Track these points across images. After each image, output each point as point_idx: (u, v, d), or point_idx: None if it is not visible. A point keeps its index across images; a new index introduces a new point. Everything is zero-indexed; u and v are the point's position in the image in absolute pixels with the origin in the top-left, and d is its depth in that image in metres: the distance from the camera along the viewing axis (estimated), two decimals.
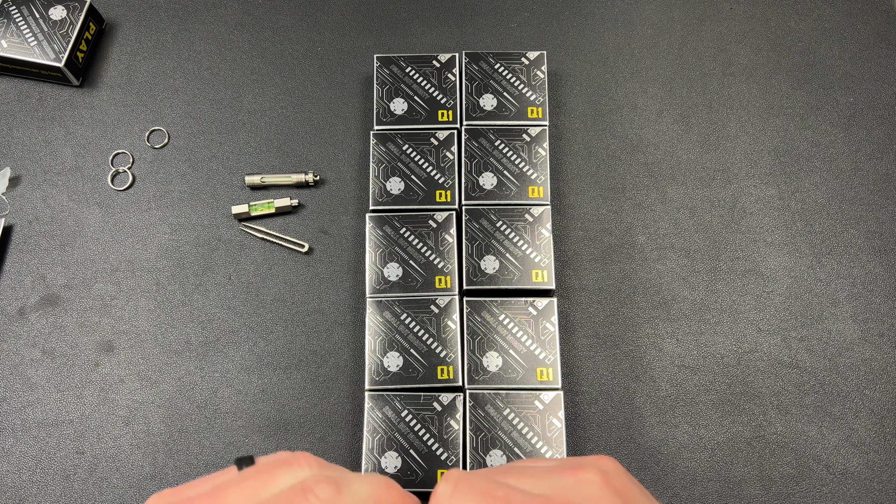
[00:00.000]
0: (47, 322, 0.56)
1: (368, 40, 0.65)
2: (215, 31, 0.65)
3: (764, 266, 0.58)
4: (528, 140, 0.58)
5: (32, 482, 0.52)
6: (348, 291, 0.57)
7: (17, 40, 0.60)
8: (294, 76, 0.64)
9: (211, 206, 0.60)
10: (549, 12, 0.66)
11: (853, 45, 0.65)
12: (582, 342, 0.56)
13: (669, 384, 0.55)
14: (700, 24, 0.66)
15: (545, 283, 0.54)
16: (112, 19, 0.65)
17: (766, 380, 0.55)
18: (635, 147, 0.62)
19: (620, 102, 0.63)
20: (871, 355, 0.56)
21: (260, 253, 0.58)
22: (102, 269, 0.58)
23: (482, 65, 0.60)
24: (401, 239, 0.55)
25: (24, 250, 0.58)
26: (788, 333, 0.56)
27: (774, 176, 0.61)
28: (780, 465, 0.53)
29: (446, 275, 0.55)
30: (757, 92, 0.64)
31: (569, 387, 0.55)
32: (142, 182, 0.60)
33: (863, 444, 0.53)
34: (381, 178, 0.57)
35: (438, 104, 0.59)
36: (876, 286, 0.58)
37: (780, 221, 0.60)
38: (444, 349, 0.53)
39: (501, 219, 0.56)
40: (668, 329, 0.56)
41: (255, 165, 0.61)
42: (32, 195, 0.60)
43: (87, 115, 0.62)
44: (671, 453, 0.53)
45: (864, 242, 0.59)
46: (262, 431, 0.54)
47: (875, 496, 0.52)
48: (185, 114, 0.62)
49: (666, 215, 0.60)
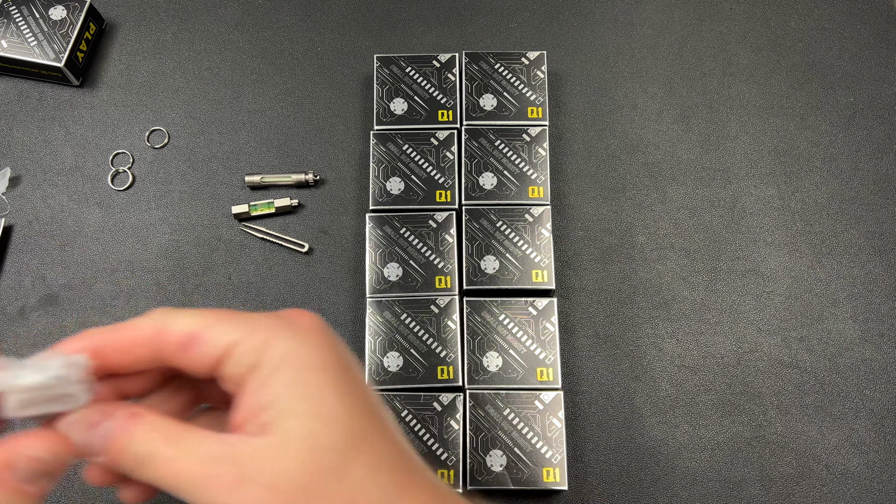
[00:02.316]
0: (47, 322, 0.56)
1: (368, 40, 0.65)
2: (215, 31, 0.65)
3: (764, 266, 0.58)
4: (528, 140, 0.58)
5: None
6: (348, 291, 0.57)
7: (17, 40, 0.60)
8: (294, 76, 0.64)
9: (211, 206, 0.60)
10: (549, 12, 0.66)
11: (853, 45, 0.65)
12: (582, 342, 0.56)
13: (669, 384, 0.55)
14: (700, 24, 0.66)
15: (545, 283, 0.54)
16: (112, 19, 0.65)
17: (766, 380, 0.55)
18: (635, 147, 0.62)
19: (620, 102, 0.63)
20: (871, 355, 0.56)
21: (260, 253, 0.58)
22: (102, 269, 0.58)
23: (482, 65, 0.60)
24: (401, 239, 0.55)
25: (24, 250, 0.58)
26: (788, 333, 0.56)
27: (774, 176, 0.61)
28: (780, 465, 0.53)
29: (446, 275, 0.55)
30: (757, 92, 0.64)
31: (569, 387, 0.55)
32: (142, 182, 0.60)
33: (863, 444, 0.53)
34: (381, 178, 0.57)
35: (438, 104, 0.59)
36: (876, 286, 0.58)
37: (780, 221, 0.60)
38: (444, 349, 0.53)
39: (501, 219, 0.56)
40: (668, 329, 0.56)
41: (255, 165, 0.61)
42: (32, 195, 0.60)
43: (87, 115, 0.62)
44: (671, 453, 0.53)
45: (864, 242, 0.59)
46: None
47: (875, 496, 0.52)
48: (185, 114, 0.62)
49: (666, 215, 0.60)
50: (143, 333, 0.28)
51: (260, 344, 0.27)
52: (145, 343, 0.28)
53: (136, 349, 0.28)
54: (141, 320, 0.28)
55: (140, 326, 0.28)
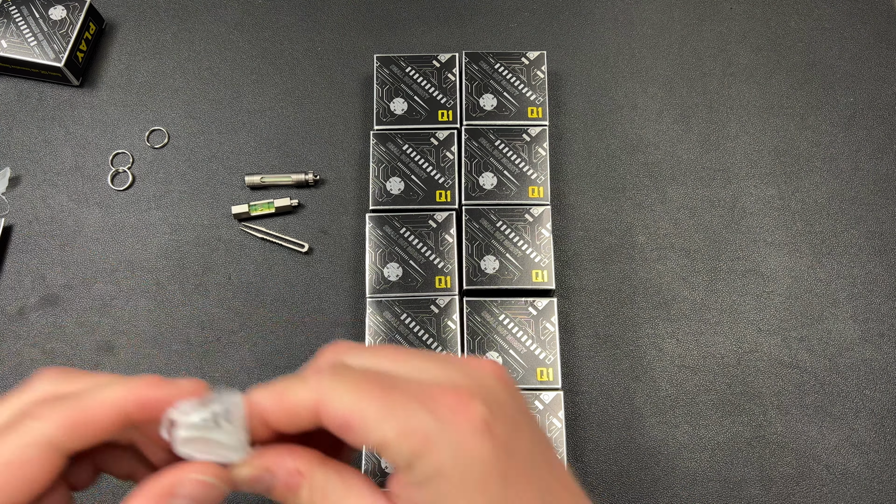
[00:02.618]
0: (47, 322, 0.56)
1: (368, 40, 0.65)
2: (215, 31, 0.65)
3: (764, 266, 0.58)
4: (528, 140, 0.58)
5: None
6: (348, 291, 0.57)
7: (17, 40, 0.60)
8: (294, 76, 0.64)
9: (211, 206, 0.60)
10: (549, 12, 0.66)
11: (853, 45, 0.65)
12: (582, 342, 0.56)
13: (669, 384, 0.55)
14: (700, 24, 0.66)
15: (545, 283, 0.54)
16: (112, 19, 0.65)
17: (766, 380, 0.55)
18: (635, 147, 0.62)
19: (620, 102, 0.63)
20: (871, 355, 0.56)
21: (260, 253, 0.58)
22: (102, 269, 0.58)
23: (482, 65, 0.60)
24: (401, 239, 0.55)
25: (24, 250, 0.58)
26: (788, 333, 0.56)
27: (774, 176, 0.61)
28: (780, 465, 0.53)
29: (446, 275, 0.55)
30: (757, 92, 0.64)
31: (569, 387, 0.55)
32: (142, 182, 0.60)
33: (863, 444, 0.53)
34: (381, 178, 0.57)
35: (438, 104, 0.59)
36: (876, 286, 0.58)
37: (780, 221, 0.60)
38: (445, 349, 0.53)
39: (501, 219, 0.56)
40: (668, 329, 0.56)
41: (255, 165, 0.61)
42: (32, 195, 0.60)
43: (87, 115, 0.62)
44: (671, 453, 0.53)
45: (864, 242, 0.59)
46: None
47: (875, 496, 0.52)
48: (185, 114, 0.62)
49: (666, 215, 0.60)
50: (305, 405, 0.27)
51: (416, 449, 0.26)
52: (306, 415, 0.28)
53: (296, 418, 0.28)
54: (302, 389, 0.28)
55: (302, 397, 0.27)
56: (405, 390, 0.27)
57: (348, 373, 0.28)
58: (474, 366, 0.30)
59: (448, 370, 0.29)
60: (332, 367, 0.29)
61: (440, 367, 0.29)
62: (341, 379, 0.27)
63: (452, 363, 0.30)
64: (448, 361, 0.30)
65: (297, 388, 0.28)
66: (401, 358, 0.30)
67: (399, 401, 0.27)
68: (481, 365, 0.30)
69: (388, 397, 0.27)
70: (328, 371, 0.28)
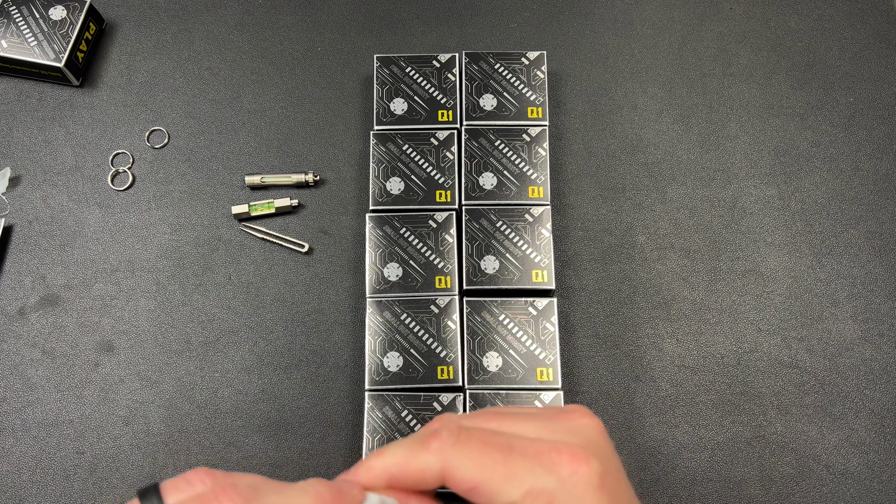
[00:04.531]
0: (47, 322, 0.56)
1: (368, 40, 0.65)
2: (215, 31, 0.65)
3: (764, 266, 0.58)
4: (528, 140, 0.58)
5: (32, 482, 0.52)
6: (348, 291, 0.57)
7: (17, 40, 0.60)
8: (294, 76, 0.64)
9: (211, 206, 0.60)
10: (549, 12, 0.66)
11: (853, 45, 0.65)
12: (582, 342, 0.56)
13: (669, 384, 0.55)
14: (700, 24, 0.66)
15: (545, 283, 0.54)
16: (112, 19, 0.65)
17: (766, 380, 0.55)
18: (635, 147, 0.62)
19: (620, 102, 0.63)
20: (871, 355, 0.56)
21: (260, 253, 0.58)
22: (102, 269, 0.58)
23: (482, 65, 0.60)
24: (401, 239, 0.55)
25: (24, 250, 0.58)
26: (788, 333, 0.56)
27: (774, 176, 0.61)
28: (780, 465, 0.53)
29: (446, 275, 0.55)
30: (757, 92, 0.64)
31: (569, 387, 0.55)
32: (142, 182, 0.60)
33: (863, 444, 0.53)
34: (381, 178, 0.57)
35: (438, 104, 0.59)
36: (876, 286, 0.58)
37: (780, 221, 0.60)
38: (444, 349, 0.53)
39: (501, 219, 0.56)
40: (668, 329, 0.56)
41: (255, 165, 0.61)
42: (32, 195, 0.60)
43: (87, 115, 0.62)
44: (671, 453, 0.53)
45: (864, 242, 0.59)
46: (262, 431, 0.54)
47: (875, 496, 0.52)
48: (185, 114, 0.62)
49: (666, 215, 0.60)
50: (431, 471, 0.29)
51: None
52: (432, 480, 0.30)
53: (422, 483, 0.30)
54: (427, 455, 0.30)
55: (427, 463, 0.29)
56: (524, 452, 0.29)
57: (469, 438, 0.30)
58: (576, 421, 0.32)
59: (555, 429, 0.31)
60: (451, 431, 0.30)
61: (546, 427, 0.31)
62: (464, 446, 0.29)
63: (556, 420, 0.32)
64: (551, 419, 0.32)
65: (422, 455, 0.30)
66: (507, 420, 0.32)
67: (520, 463, 0.29)
68: (583, 419, 0.32)
69: (509, 461, 0.29)
70: (448, 436, 0.30)
